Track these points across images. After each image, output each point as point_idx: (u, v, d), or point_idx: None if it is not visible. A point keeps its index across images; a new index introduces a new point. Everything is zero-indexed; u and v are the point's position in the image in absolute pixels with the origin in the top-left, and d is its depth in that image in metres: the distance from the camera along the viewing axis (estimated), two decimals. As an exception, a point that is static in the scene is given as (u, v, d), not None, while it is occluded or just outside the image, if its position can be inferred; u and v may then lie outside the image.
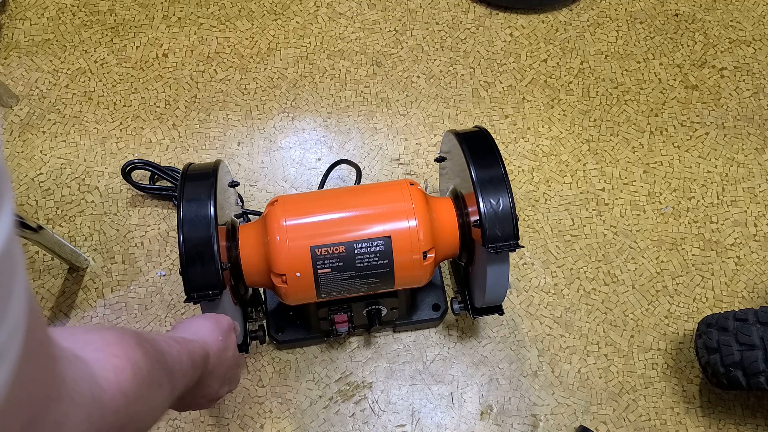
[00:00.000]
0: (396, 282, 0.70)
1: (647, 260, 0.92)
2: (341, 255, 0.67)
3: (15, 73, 1.05)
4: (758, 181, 0.99)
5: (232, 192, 0.83)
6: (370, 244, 0.67)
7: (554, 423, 0.82)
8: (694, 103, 1.05)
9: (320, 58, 1.07)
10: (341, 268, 0.67)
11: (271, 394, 0.83)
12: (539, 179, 0.98)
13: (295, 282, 0.67)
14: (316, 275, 0.67)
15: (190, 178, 0.69)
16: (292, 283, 0.67)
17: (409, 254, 0.68)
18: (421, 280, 0.72)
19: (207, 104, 1.03)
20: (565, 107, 1.04)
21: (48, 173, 0.97)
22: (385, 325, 0.83)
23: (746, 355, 0.73)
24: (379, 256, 0.68)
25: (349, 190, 0.75)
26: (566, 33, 1.11)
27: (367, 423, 0.82)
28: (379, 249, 0.67)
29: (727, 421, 0.83)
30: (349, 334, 0.80)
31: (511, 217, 0.66)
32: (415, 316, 0.84)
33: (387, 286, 0.71)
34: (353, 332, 0.83)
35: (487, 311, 0.77)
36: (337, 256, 0.67)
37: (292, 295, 0.69)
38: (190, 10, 1.11)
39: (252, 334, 0.78)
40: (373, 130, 1.02)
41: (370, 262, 0.68)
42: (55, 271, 0.90)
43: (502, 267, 0.69)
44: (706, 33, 1.11)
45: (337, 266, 0.67)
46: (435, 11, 1.12)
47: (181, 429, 0.81)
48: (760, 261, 0.93)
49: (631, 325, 0.88)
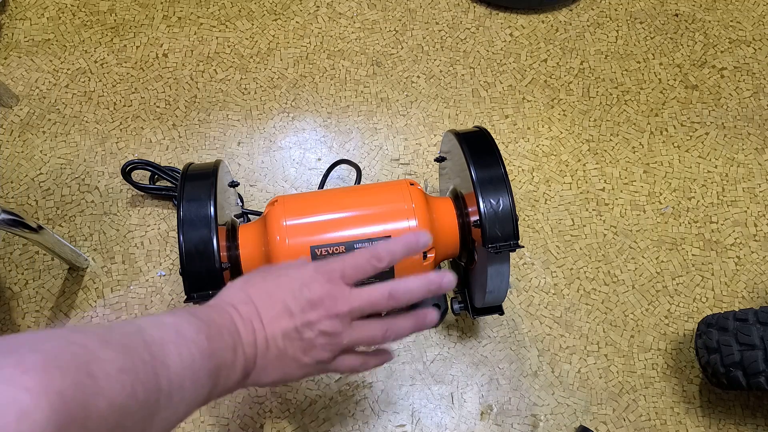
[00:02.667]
0: None
1: (647, 260, 0.92)
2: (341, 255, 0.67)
3: (15, 73, 1.05)
4: (758, 181, 0.99)
5: (232, 192, 0.83)
6: (370, 244, 0.67)
7: (554, 423, 0.82)
8: (694, 103, 1.05)
9: (320, 58, 1.07)
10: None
11: (271, 394, 0.83)
12: (539, 179, 0.98)
13: None
14: None
15: (190, 178, 0.69)
16: None
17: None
18: None
19: (207, 104, 1.03)
20: (565, 107, 1.04)
21: (48, 173, 0.97)
22: None
23: (746, 355, 0.73)
24: None
25: (349, 190, 0.75)
26: (566, 33, 1.11)
27: (367, 423, 0.82)
28: None
29: (727, 421, 0.83)
30: None
31: (511, 217, 0.66)
32: None
33: None
34: None
35: (487, 311, 0.77)
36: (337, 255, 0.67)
37: None
38: (190, 10, 1.11)
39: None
40: (373, 130, 1.02)
41: None
42: (55, 271, 0.90)
43: (503, 267, 0.69)
44: (706, 33, 1.11)
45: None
46: (435, 11, 1.12)
47: (181, 429, 0.81)
48: (760, 261, 0.93)
49: (631, 325, 0.88)
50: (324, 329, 0.47)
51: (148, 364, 0.35)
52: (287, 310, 0.47)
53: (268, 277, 0.49)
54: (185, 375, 0.38)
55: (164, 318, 0.41)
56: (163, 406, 0.36)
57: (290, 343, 0.47)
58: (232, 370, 0.44)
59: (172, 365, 0.37)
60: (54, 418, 0.28)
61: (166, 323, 0.40)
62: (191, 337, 0.40)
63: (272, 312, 0.47)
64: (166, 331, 0.39)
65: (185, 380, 0.38)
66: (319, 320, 0.47)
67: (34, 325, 0.87)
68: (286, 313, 0.47)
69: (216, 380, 0.42)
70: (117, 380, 0.33)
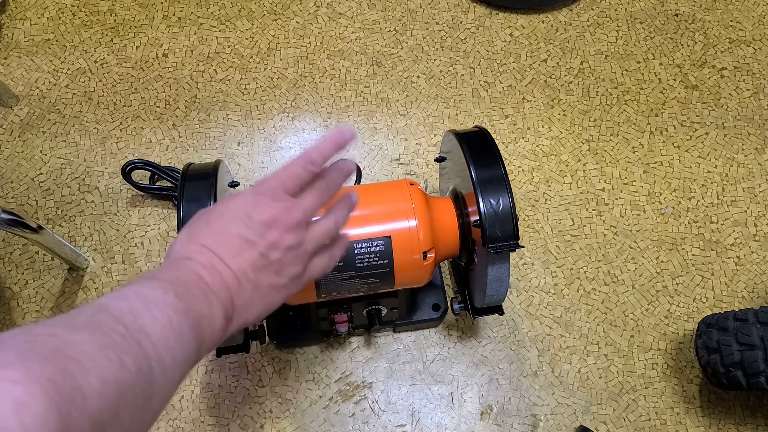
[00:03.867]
0: (396, 282, 0.70)
1: (647, 260, 0.92)
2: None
3: (15, 73, 1.05)
4: (758, 181, 0.99)
5: (232, 192, 0.83)
6: (370, 244, 0.67)
7: (554, 423, 0.82)
8: (694, 103, 1.05)
9: (320, 58, 1.07)
10: (341, 268, 0.67)
11: (271, 394, 0.83)
12: (539, 179, 0.98)
13: None
14: None
15: (190, 178, 0.69)
16: None
17: (409, 254, 0.68)
18: (421, 280, 0.72)
19: (207, 104, 1.03)
20: (565, 107, 1.04)
21: (48, 173, 0.97)
22: (386, 325, 0.83)
23: (746, 355, 0.73)
24: (379, 256, 0.68)
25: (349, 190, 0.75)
26: (566, 33, 1.11)
27: (367, 423, 0.82)
28: (379, 249, 0.67)
29: (727, 421, 0.83)
30: (349, 334, 0.80)
31: (511, 217, 0.66)
32: (415, 316, 0.84)
33: (387, 286, 0.71)
34: (353, 332, 0.83)
35: (487, 311, 0.77)
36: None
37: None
38: (190, 10, 1.11)
39: (252, 334, 0.78)
40: (373, 130, 1.02)
41: (370, 262, 0.68)
42: (55, 271, 0.90)
43: (503, 267, 0.69)
44: (706, 33, 1.11)
45: (337, 266, 0.67)
46: (435, 11, 1.12)
47: (181, 429, 0.81)
48: (760, 261, 0.93)
49: (631, 325, 0.88)
50: (288, 244, 0.47)
51: (126, 336, 0.34)
52: (246, 241, 0.46)
53: (212, 219, 0.47)
54: (168, 336, 0.37)
55: (125, 290, 0.39)
56: (158, 372, 0.36)
57: (261, 272, 0.46)
58: (212, 320, 0.43)
59: (151, 331, 0.36)
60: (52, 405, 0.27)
61: (128, 294, 0.39)
62: (159, 298, 0.39)
63: (231, 249, 0.45)
64: (132, 300, 0.38)
65: (170, 341, 0.37)
66: (281, 237, 0.47)
67: (34, 325, 0.87)
68: (245, 244, 0.46)
69: (200, 334, 0.41)
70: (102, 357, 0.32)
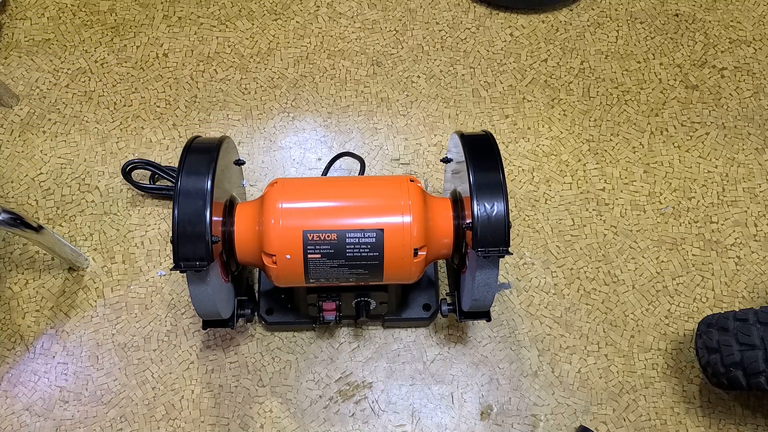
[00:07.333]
0: (385, 276, 0.71)
1: (647, 260, 0.92)
2: (332, 242, 0.68)
3: (15, 73, 1.05)
4: (758, 181, 0.99)
5: (238, 170, 0.84)
6: (362, 234, 0.68)
7: (554, 423, 0.82)
8: (695, 103, 1.05)
9: (320, 58, 1.07)
10: (331, 255, 0.68)
11: (271, 394, 0.83)
12: (539, 179, 0.98)
13: (285, 264, 0.68)
14: (306, 259, 0.68)
15: (193, 150, 0.70)
16: (282, 264, 0.68)
17: (400, 249, 0.68)
18: (410, 277, 0.72)
19: (207, 104, 1.03)
20: (566, 107, 1.04)
21: (48, 173, 0.97)
22: (373, 318, 0.83)
23: (746, 355, 0.73)
24: (369, 248, 0.68)
25: (349, 180, 0.75)
26: (566, 33, 1.11)
27: (367, 423, 0.82)
28: (370, 241, 0.68)
29: (727, 421, 0.83)
30: (336, 323, 0.80)
31: (504, 224, 0.66)
32: (405, 314, 0.85)
33: (376, 279, 0.71)
34: (340, 322, 0.83)
35: (474, 316, 0.78)
36: (328, 242, 0.68)
37: (281, 276, 0.70)
38: (190, 10, 1.11)
39: (240, 312, 0.78)
40: (374, 130, 1.02)
41: (360, 252, 0.68)
42: (55, 271, 0.90)
43: (491, 273, 0.69)
44: (707, 33, 1.11)
45: (327, 253, 0.68)
46: (435, 11, 1.12)
47: (181, 429, 0.81)
48: (760, 261, 0.93)
49: (631, 325, 0.88)
50: None
51: None
52: None
53: None
54: None
55: None
56: None
57: None
58: None
59: None
60: None
61: None
62: None
63: None
64: None
65: None
66: None
67: (34, 324, 0.87)
68: None
69: None
70: None
